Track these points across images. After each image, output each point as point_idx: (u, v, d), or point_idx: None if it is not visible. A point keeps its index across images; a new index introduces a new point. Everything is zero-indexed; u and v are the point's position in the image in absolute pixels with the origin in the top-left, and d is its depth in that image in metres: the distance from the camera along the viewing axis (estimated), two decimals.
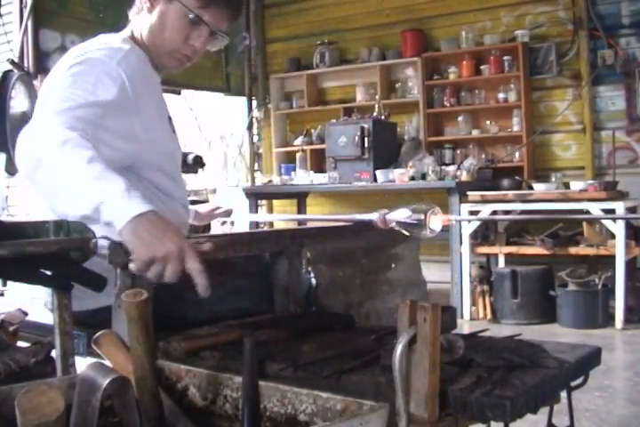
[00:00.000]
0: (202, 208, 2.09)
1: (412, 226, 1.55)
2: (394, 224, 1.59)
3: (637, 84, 5.27)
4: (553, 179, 5.21)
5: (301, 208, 6.52)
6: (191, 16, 1.60)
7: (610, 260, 4.53)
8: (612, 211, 4.46)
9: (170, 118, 1.71)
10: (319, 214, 6.28)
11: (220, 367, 1.20)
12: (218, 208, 2.14)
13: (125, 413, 0.99)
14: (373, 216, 1.64)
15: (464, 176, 5.17)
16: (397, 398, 1.00)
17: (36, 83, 4.58)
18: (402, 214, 1.56)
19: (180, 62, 1.69)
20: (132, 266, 1.19)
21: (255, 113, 7.11)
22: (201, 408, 1.08)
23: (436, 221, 1.53)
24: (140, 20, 1.65)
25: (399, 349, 1.00)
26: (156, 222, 1.19)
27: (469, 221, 4.83)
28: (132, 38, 1.66)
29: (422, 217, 1.53)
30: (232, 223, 2.27)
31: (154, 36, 1.64)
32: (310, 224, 4.01)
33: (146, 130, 1.54)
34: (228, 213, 2.15)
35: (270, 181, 6.25)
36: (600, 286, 4.56)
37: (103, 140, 1.40)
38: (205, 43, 1.66)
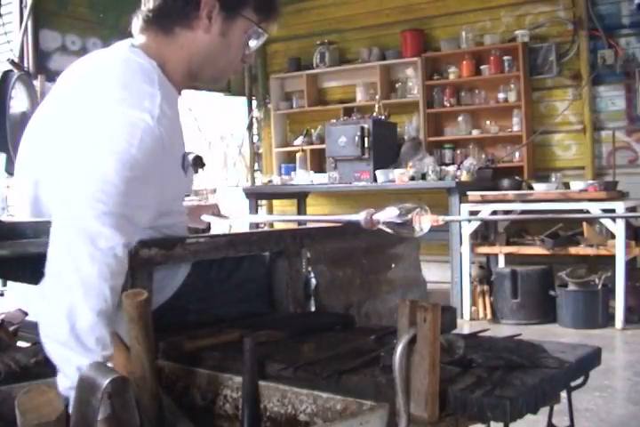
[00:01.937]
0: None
1: (400, 226, 1.51)
2: (381, 225, 1.54)
3: (637, 84, 5.26)
4: (553, 179, 5.21)
5: (301, 208, 6.52)
6: (257, 30, 1.53)
7: (610, 260, 4.52)
8: (612, 211, 4.46)
9: (184, 156, 1.50)
10: (319, 214, 6.28)
11: (220, 367, 1.20)
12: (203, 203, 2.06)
13: (125, 413, 0.99)
14: (360, 217, 1.58)
15: (464, 176, 5.17)
16: (397, 398, 1.00)
17: (35, 83, 4.58)
18: (389, 214, 1.52)
19: (227, 79, 1.63)
20: None
21: (255, 113, 7.11)
22: (201, 408, 1.08)
23: (424, 221, 1.49)
24: (189, 38, 1.48)
25: (399, 349, 1.00)
26: None
27: (459, 221, 4.81)
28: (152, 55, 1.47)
29: (410, 217, 1.49)
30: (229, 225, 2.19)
31: (215, 56, 1.52)
32: (310, 224, 4.01)
33: (164, 191, 1.39)
34: (214, 208, 2.03)
35: (270, 181, 6.25)
36: (600, 286, 4.55)
37: (133, 216, 1.28)
38: (253, 58, 1.62)
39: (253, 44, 1.56)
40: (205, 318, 1.56)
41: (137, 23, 1.52)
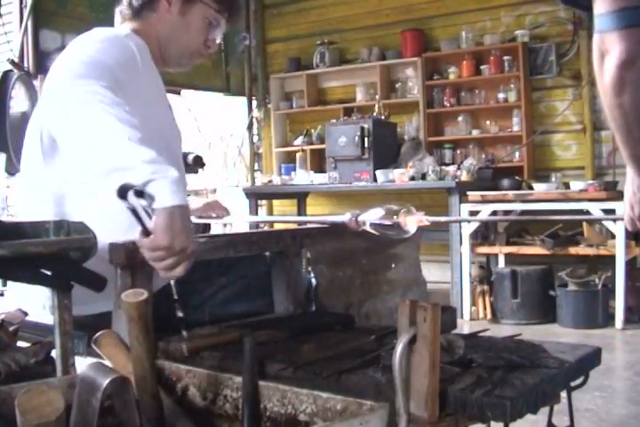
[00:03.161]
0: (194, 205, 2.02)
1: (386, 227, 1.50)
2: (367, 226, 1.52)
3: None
4: (553, 179, 5.21)
5: (301, 208, 6.52)
6: (215, 15, 1.71)
7: (610, 260, 4.53)
8: (612, 211, 4.44)
9: (170, 107, 1.76)
10: (318, 215, 6.28)
11: (220, 367, 1.20)
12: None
13: (125, 413, 0.99)
14: (345, 218, 1.57)
15: (464, 176, 5.17)
16: (397, 398, 1.00)
17: (35, 83, 4.58)
18: (374, 215, 1.51)
19: (193, 62, 1.79)
20: (148, 251, 1.21)
21: (255, 113, 7.10)
22: (201, 408, 1.08)
23: (410, 222, 1.48)
24: (155, 18, 1.70)
25: (399, 349, 1.00)
26: (187, 217, 1.22)
27: (445, 222, 4.81)
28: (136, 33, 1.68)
29: (395, 218, 1.47)
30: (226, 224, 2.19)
31: (177, 35, 1.71)
32: (310, 224, 4.01)
33: (148, 112, 1.51)
34: (216, 204, 2.06)
35: (270, 181, 6.25)
36: (600, 286, 4.56)
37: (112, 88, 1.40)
38: (217, 45, 1.78)
39: (214, 30, 1.74)
40: (205, 317, 1.56)
41: (117, 18, 1.75)
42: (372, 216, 1.50)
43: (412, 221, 1.47)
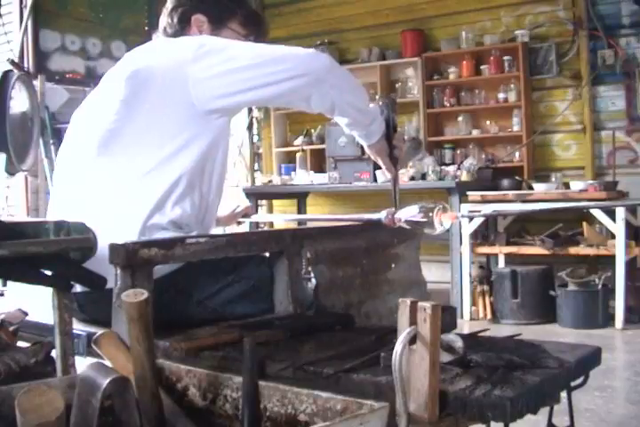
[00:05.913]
0: (220, 212, 2.08)
1: (421, 224, 1.55)
2: (402, 223, 1.59)
3: (637, 84, 5.26)
4: (553, 179, 5.21)
5: (301, 208, 6.51)
6: (242, 40, 1.79)
7: (610, 260, 4.52)
8: (612, 211, 4.46)
9: None
10: (320, 214, 6.29)
11: (220, 367, 1.20)
12: (237, 207, 2.16)
13: (125, 413, 0.99)
14: (382, 215, 1.64)
15: (464, 176, 5.17)
16: (397, 398, 1.00)
17: (36, 83, 4.58)
18: (410, 212, 1.56)
19: None
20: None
21: (255, 113, 7.10)
22: (201, 408, 1.08)
23: (445, 218, 1.53)
24: None
25: (399, 349, 1.00)
26: None
27: (472, 218, 4.82)
28: None
29: (431, 215, 1.52)
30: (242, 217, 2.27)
31: None
32: (310, 224, 4.01)
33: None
34: (248, 211, 2.17)
35: (270, 181, 6.25)
36: (600, 286, 4.55)
37: None
38: None
39: None
40: (205, 316, 1.56)
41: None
42: (407, 213, 1.55)
43: (447, 218, 1.52)
